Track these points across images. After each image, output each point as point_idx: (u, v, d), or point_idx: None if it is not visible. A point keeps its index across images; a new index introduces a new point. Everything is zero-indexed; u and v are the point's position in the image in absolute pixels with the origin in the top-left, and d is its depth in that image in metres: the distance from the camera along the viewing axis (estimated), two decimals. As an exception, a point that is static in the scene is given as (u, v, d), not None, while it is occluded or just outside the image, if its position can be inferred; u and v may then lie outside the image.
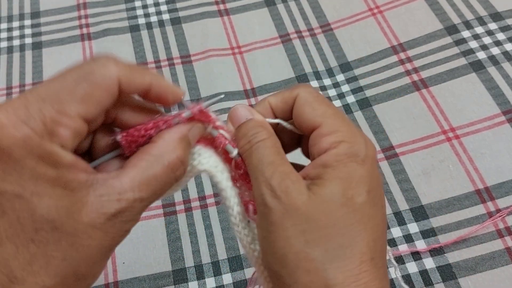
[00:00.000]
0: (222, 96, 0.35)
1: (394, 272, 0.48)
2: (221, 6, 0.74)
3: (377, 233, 0.30)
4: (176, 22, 0.72)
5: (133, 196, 0.28)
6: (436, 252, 0.51)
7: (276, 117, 0.34)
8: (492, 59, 0.62)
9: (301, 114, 0.32)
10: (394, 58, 0.65)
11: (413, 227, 0.52)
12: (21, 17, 0.73)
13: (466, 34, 0.65)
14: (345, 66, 0.66)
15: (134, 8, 0.74)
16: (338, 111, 0.32)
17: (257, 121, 0.33)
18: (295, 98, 0.33)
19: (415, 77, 0.63)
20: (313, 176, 0.30)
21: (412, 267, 0.50)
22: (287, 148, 0.36)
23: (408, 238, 0.52)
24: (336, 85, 0.64)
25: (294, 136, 0.35)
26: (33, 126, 0.26)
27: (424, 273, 0.50)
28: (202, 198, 0.56)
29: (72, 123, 0.27)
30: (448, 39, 0.65)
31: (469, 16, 0.66)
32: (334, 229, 0.28)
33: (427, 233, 0.52)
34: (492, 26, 0.65)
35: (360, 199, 0.29)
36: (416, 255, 0.51)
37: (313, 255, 0.28)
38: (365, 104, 0.62)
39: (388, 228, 0.53)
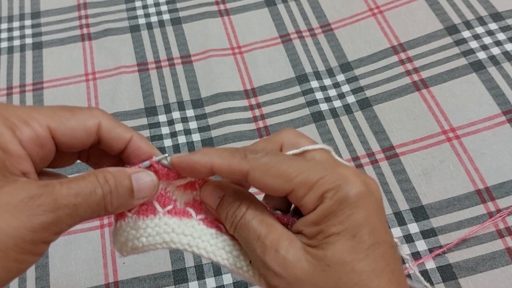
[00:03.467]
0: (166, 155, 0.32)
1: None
2: (221, 6, 0.74)
3: (390, 266, 0.29)
4: (176, 22, 0.72)
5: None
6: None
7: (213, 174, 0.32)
8: (493, 59, 0.62)
9: (264, 188, 0.30)
10: (394, 58, 0.65)
11: (413, 227, 0.52)
12: (22, 17, 0.73)
13: (466, 34, 0.65)
14: (345, 66, 0.66)
15: (134, 8, 0.74)
16: (297, 161, 0.30)
17: (231, 195, 0.32)
18: (245, 173, 0.30)
19: (415, 77, 0.63)
20: (308, 235, 0.29)
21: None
22: None
23: (409, 238, 0.52)
24: (336, 85, 0.64)
25: None
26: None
27: (424, 273, 0.49)
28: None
29: (38, 127, 0.29)
30: (448, 39, 0.65)
31: (469, 16, 0.66)
32: (344, 286, 0.28)
33: (427, 233, 0.52)
34: (493, 26, 0.65)
35: (361, 246, 0.28)
36: (417, 255, 0.51)
37: None
38: (365, 104, 0.62)
39: (389, 228, 0.53)
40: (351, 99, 0.62)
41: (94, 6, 0.74)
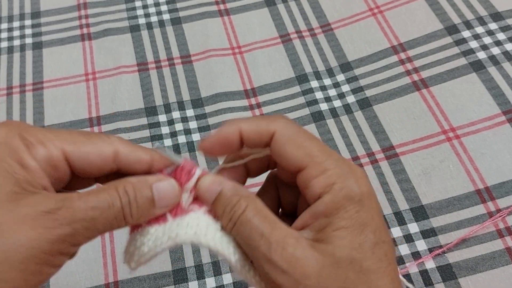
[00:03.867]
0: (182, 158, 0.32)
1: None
2: (221, 6, 0.74)
3: (391, 266, 0.29)
4: (176, 22, 0.72)
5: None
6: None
7: (243, 145, 0.32)
8: (493, 59, 0.62)
9: (283, 154, 0.30)
10: (394, 58, 0.65)
11: (413, 227, 0.52)
12: (22, 17, 0.73)
13: (466, 34, 0.65)
14: (345, 66, 0.66)
15: (134, 8, 0.74)
16: (321, 145, 0.30)
17: (230, 190, 0.31)
18: (272, 134, 0.30)
19: (415, 77, 0.63)
20: (316, 228, 0.29)
21: (412, 267, 0.50)
22: (257, 172, 0.35)
23: (408, 238, 0.52)
24: (336, 85, 0.64)
25: (263, 160, 0.34)
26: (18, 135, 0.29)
27: (424, 273, 0.50)
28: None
29: (52, 148, 0.29)
30: (448, 39, 0.65)
31: (469, 16, 0.66)
32: (351, 285, 0.28)
33: (427, 233, 0.52)
34: (493, 26, 0.65)
35: (368, 244, 0.28)
36: (416, 255, 0.51)
37: None
38: (365, 104, 0.62)
39: (388, 228, 0.53)
40: (351, 99, 0.62)
41: (94, 6, 0.74)
